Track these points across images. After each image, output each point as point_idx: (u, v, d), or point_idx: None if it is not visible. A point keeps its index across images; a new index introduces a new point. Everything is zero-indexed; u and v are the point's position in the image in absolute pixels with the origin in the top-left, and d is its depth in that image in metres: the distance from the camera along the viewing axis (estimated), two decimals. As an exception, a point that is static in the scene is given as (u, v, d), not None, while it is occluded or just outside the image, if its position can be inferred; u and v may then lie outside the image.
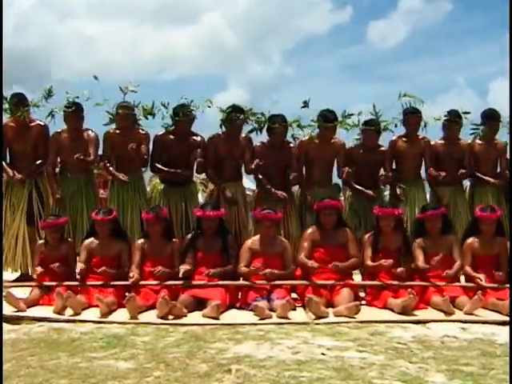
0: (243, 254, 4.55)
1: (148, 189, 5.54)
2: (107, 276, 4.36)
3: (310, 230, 4.66)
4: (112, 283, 4.35)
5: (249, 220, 5.27)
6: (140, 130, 5.29)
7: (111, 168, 5.24)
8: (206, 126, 5.45)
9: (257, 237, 4.65)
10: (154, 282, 4.34)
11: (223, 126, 5.27)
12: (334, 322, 3.83)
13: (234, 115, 5.13)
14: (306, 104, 5.22)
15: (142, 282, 4.37)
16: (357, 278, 4.76)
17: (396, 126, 5.37)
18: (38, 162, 5.29)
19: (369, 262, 4.50)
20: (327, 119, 5.18)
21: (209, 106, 5.23)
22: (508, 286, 4.25)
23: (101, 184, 5.98)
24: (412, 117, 5.31)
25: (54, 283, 4.33)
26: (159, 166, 5.24)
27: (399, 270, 4.31)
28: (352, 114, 5.29)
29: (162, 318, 3.92)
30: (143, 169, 5.39)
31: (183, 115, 5.14)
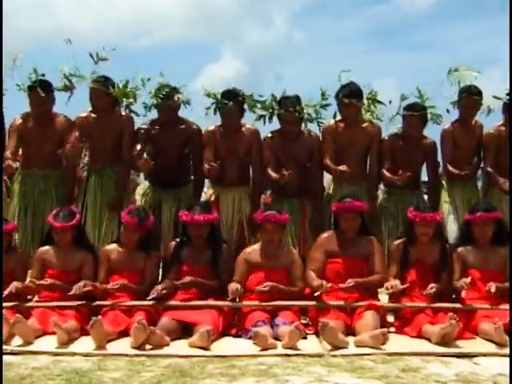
0: (237, 266, 4.53)
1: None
2: (59, 291, 4.31)
3: (325, 235, 4.61)
4: (74, 303, 4.27)
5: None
6: (122, 114, 5.23)
7: None
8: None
9: (257, 245, 4.61)
10: (130, 302, 4.27)
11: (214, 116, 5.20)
12: (356, 354, 3.78)
13: (220, 102, 5.05)
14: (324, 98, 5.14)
15: (99, 302, 4.29)
16: (384, 298, 4.65)
17: (448, 111, 5.23)
18: None
19: (392, 281, 4.40)
20: (347, 94, 5.06)
21: (186, 103, 5.16)
22: None
23: None
24: (468, 98, 5.16)
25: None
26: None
27: (429, 288, 4.22)
28: (380, 102, 5.18)
29: (137, 347, 3.86)
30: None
31: (161, 99, 5.04)
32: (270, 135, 5.22)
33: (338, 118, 5.24)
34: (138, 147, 5.09)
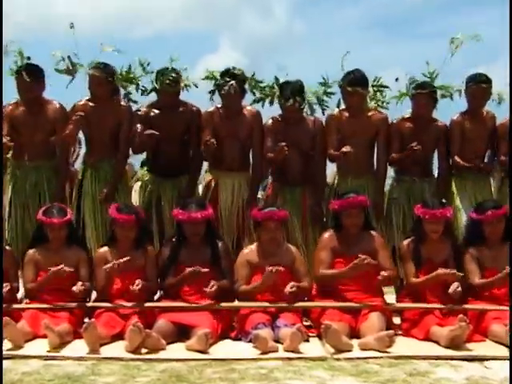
0: (240, 269, 4.47)
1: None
2: (60, 295, 4.27)
3: (327, 236, 4.57)
4: (66, 305, 4.24)
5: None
6: (121, 103, 5.17)
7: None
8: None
9: (254, 245, 4.57)
10: (128, 304, 4.25)
11: (214, 97, 5.13)
12: (360, 358, 3.75)
13: (222, 81, 4.98)
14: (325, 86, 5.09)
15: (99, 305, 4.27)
16: (389, 298, 4.64)
17: (451, 96, 5.17)
18: None
19: (414, 279, 4.40)
20: (351, 82, 5.00)
21: (195, 86, 5.14)
22: None
23: None
24: (476, 87, 5.07)
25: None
26: None
27: (453, 287, 4.14)
28: (386, 87, 5.15)
29: (132, 351, 3.84)
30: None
31: (166, 85, 4.98)
32: (270, 121, 5.14)
33: (342, 106, 5.17)
34: (139, 128, 5.01)
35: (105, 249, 4.53)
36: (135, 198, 5.36)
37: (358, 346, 3.92)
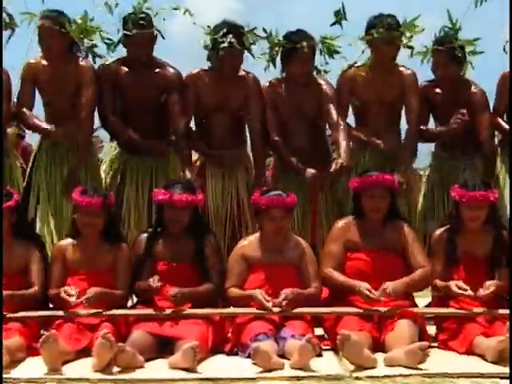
0: (233, 265, 4.31)
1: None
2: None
3: (340, 225, 4.39)
4: (17, 315, 4.01)
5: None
6: (80, 61, 4.94)
7: (33, 118, 4.90)
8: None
9: (254, 237, 4.41)
10: (90, 311, 4.01)
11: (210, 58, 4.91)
12: (386, 376, 3.60)
13: (221, 37, 4.74)
14: (339, 17, 4.89)
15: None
16: (422, 302, 4.50)
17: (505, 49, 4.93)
18: None
19: (438, 282, 4.18)
20: (389, 28, 4.79)
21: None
22: None
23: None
24: None
25: None
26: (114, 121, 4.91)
27: (484, 289, 3.93)
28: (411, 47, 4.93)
29: (101, 370, 3.68)
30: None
31: (135, 27, 4.74)
32: (268, 85, 4.98)
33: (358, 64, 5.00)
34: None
35: (66, 241, 4.35)
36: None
37: (383, 361, 3.78)
